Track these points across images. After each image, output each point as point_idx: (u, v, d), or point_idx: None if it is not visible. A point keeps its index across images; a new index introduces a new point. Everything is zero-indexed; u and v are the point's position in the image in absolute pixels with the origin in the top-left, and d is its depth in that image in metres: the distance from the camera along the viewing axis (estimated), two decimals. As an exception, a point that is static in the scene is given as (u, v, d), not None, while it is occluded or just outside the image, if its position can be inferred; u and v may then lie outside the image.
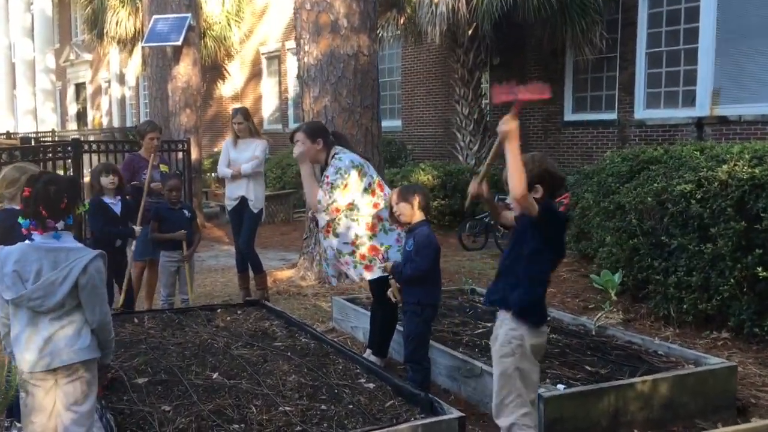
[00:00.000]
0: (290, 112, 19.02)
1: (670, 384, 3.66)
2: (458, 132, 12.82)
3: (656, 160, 6.54)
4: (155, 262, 6.05)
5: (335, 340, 4.79)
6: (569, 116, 12.48)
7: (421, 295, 3.84)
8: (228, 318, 5.03)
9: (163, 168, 6.19)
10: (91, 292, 2.64)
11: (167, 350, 4.24)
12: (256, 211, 6.27)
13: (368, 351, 4.57)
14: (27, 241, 2.67)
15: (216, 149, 19.38)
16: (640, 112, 11.33)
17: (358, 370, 3.90)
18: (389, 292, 4.05)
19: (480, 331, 4.72)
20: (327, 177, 4.30)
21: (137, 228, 5.34)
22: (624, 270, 5.75)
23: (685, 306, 5.19)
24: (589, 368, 3.90)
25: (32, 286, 2.59)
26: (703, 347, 4.85)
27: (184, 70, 11.75)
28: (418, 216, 3.87)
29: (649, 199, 5.70)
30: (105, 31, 18.62)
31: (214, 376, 3.79)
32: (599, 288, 6.53)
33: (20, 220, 2.67)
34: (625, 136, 11.51)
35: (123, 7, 17.95)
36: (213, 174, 17.22)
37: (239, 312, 5.21)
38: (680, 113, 10.72)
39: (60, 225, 2.64)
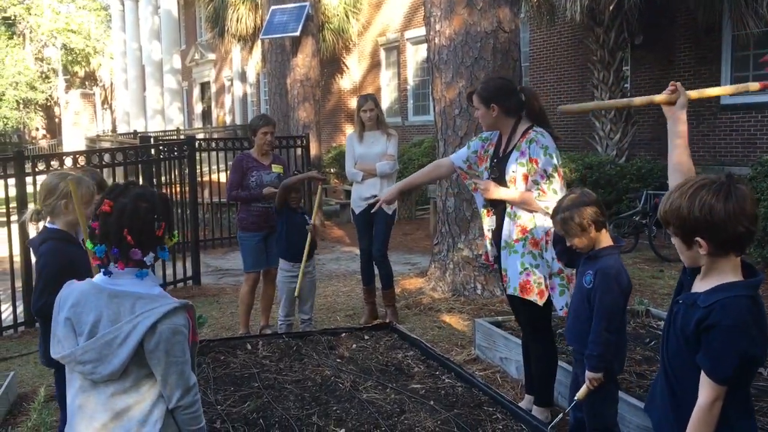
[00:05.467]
0: (410, 103, 18.32)
1: None
2: (596, 120, 11.55)
3: None
4: (271, 272, 5.44)
5: (481, 376, 3.93)
6: (727, 99, 10.94)
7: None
8: (354, 346, 4.23)
9: (276, 169, 5.45)
10: (163, 361, 1.82)
11: (283, 391, 3.51)
12: (390, 212, 5.45)
13: (527, 398, 3.64)
14: (96, 278, 1.92)
15: (334, 144, 18.98)
16: (818, 92, 9.68)
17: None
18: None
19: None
20: (537, 162, 3.23)
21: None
22: None
23: None
24: None
25: (84, 343, 1.83)
26: None
27: (303, 62, 11.25)
28: (603, 240, 2.73)
29: None
30: (226, 28, 18.67)
31: (341, 432, 3.03)
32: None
33: (89, 245, 1.90)
34: (798, 121, 9.90)
35: (243, 3, 17.90)
36: (332, 170, 16.80)
37: (366, 337, 4.41)
38: None
39: (149, 259, 1.87)
